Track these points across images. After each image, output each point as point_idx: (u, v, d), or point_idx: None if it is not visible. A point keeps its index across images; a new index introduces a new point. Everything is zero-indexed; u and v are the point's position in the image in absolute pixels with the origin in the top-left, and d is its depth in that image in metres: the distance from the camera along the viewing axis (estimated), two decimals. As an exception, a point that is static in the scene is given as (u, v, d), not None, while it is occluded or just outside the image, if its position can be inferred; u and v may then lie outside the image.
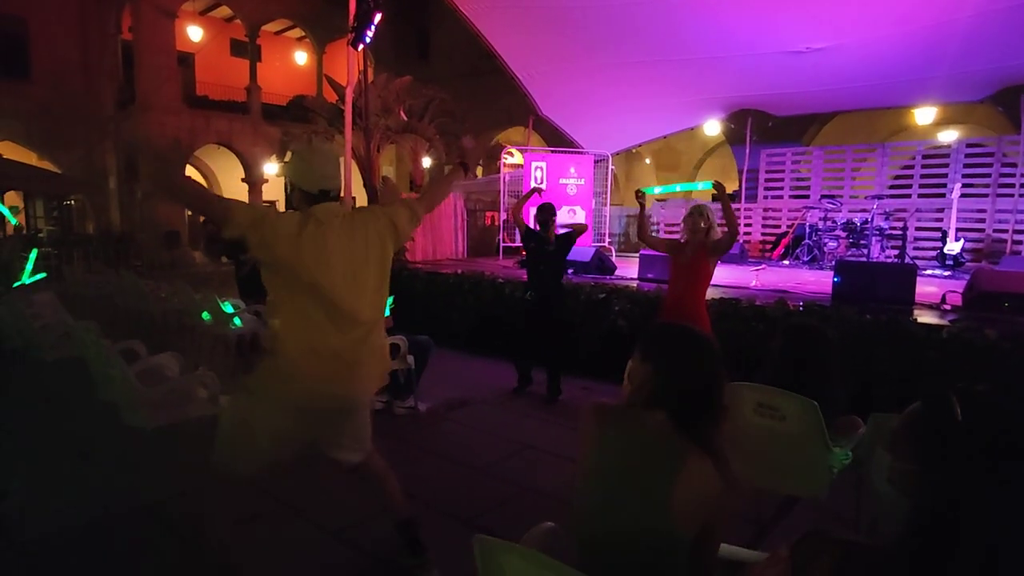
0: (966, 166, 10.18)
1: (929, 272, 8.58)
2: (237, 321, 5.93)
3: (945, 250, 9.18)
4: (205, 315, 6.09)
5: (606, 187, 11.73)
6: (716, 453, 1.37)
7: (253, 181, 20.18)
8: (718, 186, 3.81)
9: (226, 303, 6.05)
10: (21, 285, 7.71)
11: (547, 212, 5.00)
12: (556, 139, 12.69)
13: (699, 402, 1.42)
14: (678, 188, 4.03)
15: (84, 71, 19.50)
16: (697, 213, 3.86)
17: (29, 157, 18.32)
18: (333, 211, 2.24)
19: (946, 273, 8.58)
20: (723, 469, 1.35)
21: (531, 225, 5.19)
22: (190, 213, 21.10)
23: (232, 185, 21.29)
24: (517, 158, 14.02)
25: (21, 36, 18.21)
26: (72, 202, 20.24)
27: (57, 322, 5.39)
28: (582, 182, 10.87)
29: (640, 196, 4.34)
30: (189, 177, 2.33)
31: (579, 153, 11.25)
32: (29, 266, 7.97)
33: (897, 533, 0.74)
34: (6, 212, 7.85)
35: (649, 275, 7.21)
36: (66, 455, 3.78)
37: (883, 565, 0.75)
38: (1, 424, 4.29)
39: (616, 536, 1.40)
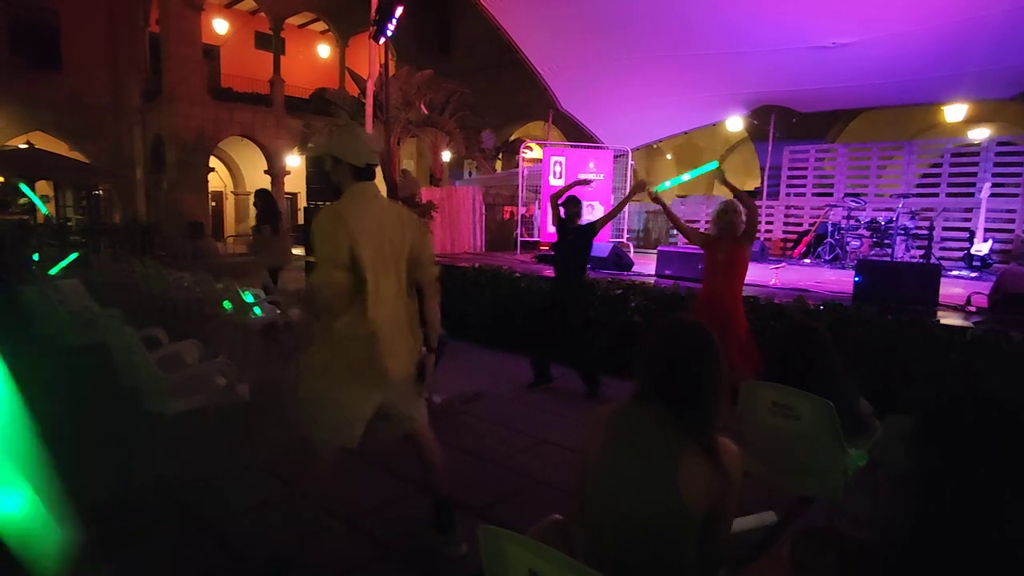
0: (996, 165, 9.93)
1: (955, 273, 8.40)
2: (257, 310, 6.02)
3: (972, 251, 8.96)
4: (226, 304, 6.19)
5: (625, 183, 11.65)
6: (706, 442, 1.39)
7: (275, 173, 20.41)
8: (719, 172, 4.10)
9: (246, 292, 6.14)
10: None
11: (575, 204, 5.06)
12: (576, 134, 12.64)
13: (688, 392, 1.43)
14: (685, 177, 4.24)
15: (113, 63, 19.88)
16: (733, 211, 3.86)
17: (60, 147, 18.76)
18: (374, 192, 2.37)
19: (973, 274, 8.38)
20: (715, 457, 1.37)
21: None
22: (214, 204, 21.45)
23: (255, 176, 21.56)
24: (536, 152, 14.00)
25: (53, 27, 18.62)
26: (100, 192, 20.68)
27: (83, 309, 5.52)
28: (601, 177, 10.80)
29: (656, 198, 4.40)
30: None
31: (599, 148, 11.18)
32: (63, 263, 8.23)
33: (901, 531, 0.74)
34: (37, 200, 8.14)
35: (667, 272, 7.15)
36: (89, 438, 3.88)
37: (886, 563, 0.74)
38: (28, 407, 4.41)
39: (626, 524, 1.42)
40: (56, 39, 18.71)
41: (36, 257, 8.59)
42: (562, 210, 5.07)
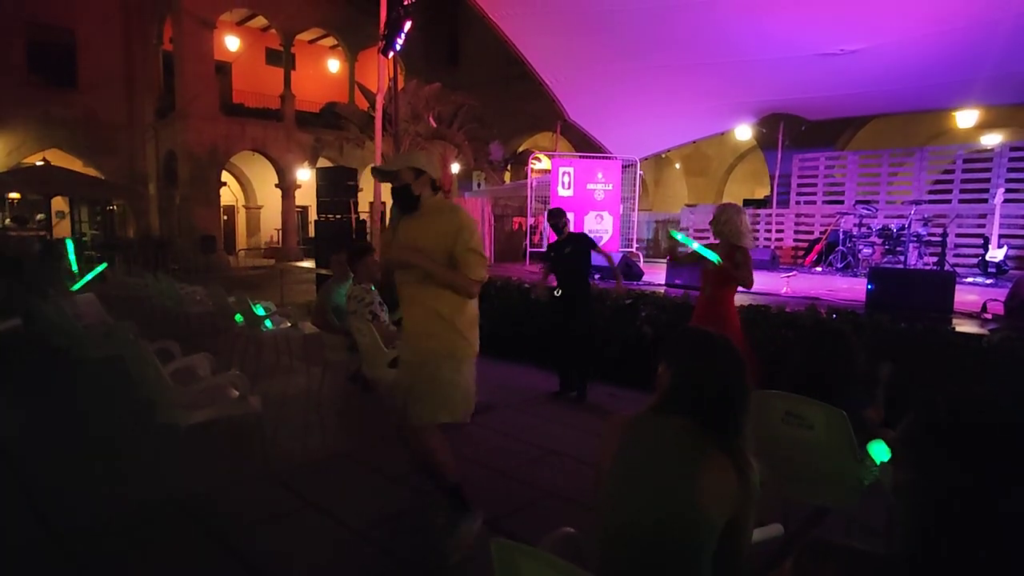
0: (1010, 170, 9.84)
1: (970, 280, 8.31)
2: (268, 323, 6.06)
3: (987, 257, 8.87)
4: (238, 317, 6.23)
5: (634, 192, 11.66)
6: (735, 454, 1.38)
7: (286, 187, 20.61)
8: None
9: (258, 306, 6.19)
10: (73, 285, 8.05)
11: (557, 217, 5.13)
12: (584, 144, 12.69)
13: (716, 406, 1.43)
14: (694, 245, 4.00)
15: (127, 80, 20.22)
16: (733, 212, 3.88)
17: (75, 164, 19.06)
18: (437, 207, 2.74)
19: (988, 281, 8.29)
20: (742, 470, 1.36)
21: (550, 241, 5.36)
22: (225, 218, 21.67)
23: (266, 190, 21.78)
24: (545, 163, 14.04)
25: (69, 46, 19.00)
26: (114, 207, 20.96)
27: (99, 322, 5.59)
28: (610, 187, 10.82)
29: (671, 242, 4.29)
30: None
31: (607, 158, 11.20)
32: (89, 276, 8.36)
33: (900, 542, 0.73)
34: (73, 258, 8.36)
35: (677, 281, 7.13)
36: (104, 450, 3.91)
37: (888, 574, 0.74)
38: (44, 419, 4.47)
39: (640, 534, 1.41)
40: (72, 58, 19.06)
41: (76, 268, 8.73)
42: (549, 228, 5.21)
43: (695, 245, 3.79)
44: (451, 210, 2.74)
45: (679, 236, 3.91)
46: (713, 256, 3.68)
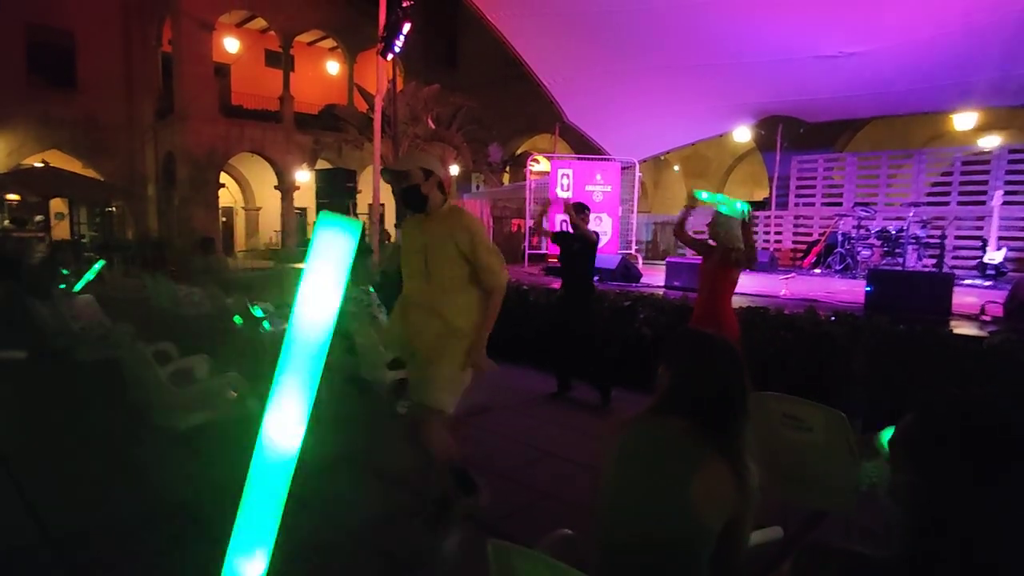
0: (1008, 172, 9.87)
1: (969, 282, 8.31)
2: (267, 325, 6.04)
3: (986, 259, 8.88)
4: (236, 318, 6.22)
5: (633, 194, 11.66)
6: (733, 457, 1.37)
7: (285, 188, 20.60)
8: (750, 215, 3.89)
9: (255, 307, 6.18)
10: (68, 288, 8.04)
11: (581, 210, 5.14)
12: (583, 146, 12.69)
13: (715, 407, 1.42)
14: (723, 205, 4.04)
15: (126, 82, 20.21)
16: (724, 217, 3.90)
17: (74, 165, 19.04)
18: (447, 212, 2.80)
19: (987, 283, 8.30)
20: (739, 473, 1.35)
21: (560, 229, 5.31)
22: (224, 219, 21.65)
23: (265, 192, 21.77)
24: (544, 165, 14.06)
25: (69, 48, 19.00)
26: (113, 208, 20.93)
27: (96, 324, 5.58)
28: (609, 189, 10.82)
29: (692, 200, 4.41)
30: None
31: (606, 160, 11.20)
32: (89, 275, 8.34)
33: (899, 544, 0.73)
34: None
35: (676, 283, 7.13)
36: (101, 452, 3.90)
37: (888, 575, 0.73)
38: (41, 422, 4.45)
39: (637, 536, 1.40)
40: (72, 60, 19.06)
41: (65, 272, 8.73)
42: (567, 220, 5.14)
43: (718, 200, 3.78)
44: (456, 212, 2.82)
45: (703, 195, 3.91)
46: (733, 210, 3.67)
